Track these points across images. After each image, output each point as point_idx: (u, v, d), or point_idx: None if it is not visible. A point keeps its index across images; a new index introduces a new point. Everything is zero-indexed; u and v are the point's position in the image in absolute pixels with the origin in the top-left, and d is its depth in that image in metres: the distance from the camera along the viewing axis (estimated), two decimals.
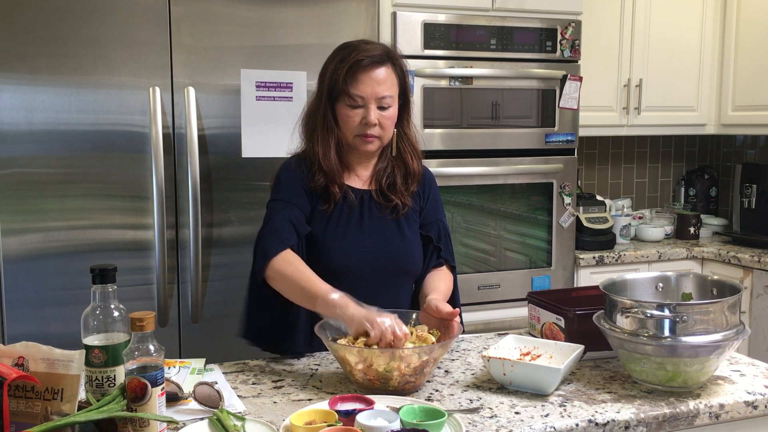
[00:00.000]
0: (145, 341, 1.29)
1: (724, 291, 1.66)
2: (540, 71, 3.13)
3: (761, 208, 3.70)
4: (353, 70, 1.75)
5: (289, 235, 1.76)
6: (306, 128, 1.87)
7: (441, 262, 1.95)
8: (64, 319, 2.41)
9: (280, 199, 1.82)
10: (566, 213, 3.25)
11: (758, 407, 1.54)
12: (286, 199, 1.81)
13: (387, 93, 1.77)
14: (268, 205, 1.84)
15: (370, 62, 1.76)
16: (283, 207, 1.80)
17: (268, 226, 1.79)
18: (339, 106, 1.79)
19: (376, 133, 1.79)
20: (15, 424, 1.28)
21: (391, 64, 1.80)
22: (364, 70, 1.75)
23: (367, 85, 1.75)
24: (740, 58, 3.66)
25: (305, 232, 1.80)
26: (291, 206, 1.80)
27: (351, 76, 1.75)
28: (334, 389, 1.59)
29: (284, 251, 1.73)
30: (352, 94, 1.76)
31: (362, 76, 1.75)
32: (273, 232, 1.77)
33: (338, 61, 1.78)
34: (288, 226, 1.77)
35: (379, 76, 1.76)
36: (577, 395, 1.54)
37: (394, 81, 1.80)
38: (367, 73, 1.75)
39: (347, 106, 1.78)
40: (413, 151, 1.90)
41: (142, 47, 2.46)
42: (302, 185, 1.82)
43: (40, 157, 2.38)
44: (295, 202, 1.81)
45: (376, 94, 1.76)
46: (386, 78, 1.78)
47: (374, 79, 1.76)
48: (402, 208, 1.87)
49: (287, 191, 1.83)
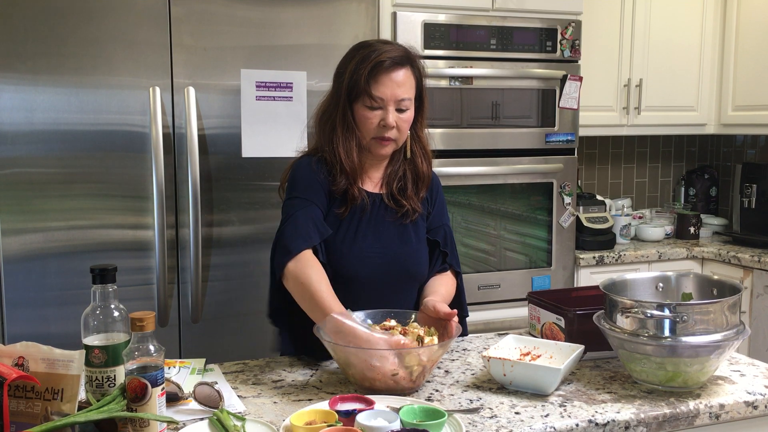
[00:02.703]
0: (145, 341, 1.29)
1: (724, 291, 1.66)
2: (540, 71, 3.13)
3: (761, 208, 3.70)
4: (375, 71, 1.73)
5: (313, 234, 1.71)
6: (323, 128, 1.82)
7: (445, 267, 1.93)
8: (64, 319, 2.41)
9: (300, 197, 1.76)
10: (566, 213, 3.25)
11: (758, 407, 1.54)
12: (307, 197, 1.76)
13: (406, 95, 1.75)
14: (287, 203, 1.78)
15: (392, 63, 1.73)
16: (305, 205, 1.74)
17: (291, 223, 1.72)
18: (357, 107, 1.76)
19: (392, 136, 1.76)
20: (15, 424, 1.28)
21: (410, 66, 1.78)
22: (386, 71, 1.73)
23: (388, 87, 1.73)
24: (740, 58, 3.66)
25: (327, 233, 1.75)
26: (312, 205, 1.75)
27: (373, 77, 1.73)
28: (334, 389, 1.59)
29: (306, 250, 1.68)
30: (374, 96, 1.73)
31: (383, 78, 1.73)
32: (297, 229, 1.70)
33: (358, 61, 1.75)
34: (311, 224, 1.72)
35: (399, 78, 1.74)
36: (577, 395, 1.54)
37: (412, 83, 1.78)
38: (388, 75, 1.73)
39: (366, 108, 1.75)
40: (425, 155, 1.88)
41: (142, 47, 2.46)
42: (322, 185, 1.78)
43: (40, 157, 2.38)
44: (316, 201, 1.76)
45: (395, 96, 1.74)
46: (406, 80, 1.76)
47: (395, 81, 1.74)
48: (412, 213, 1.85)
49: (307, 190, 1.77)
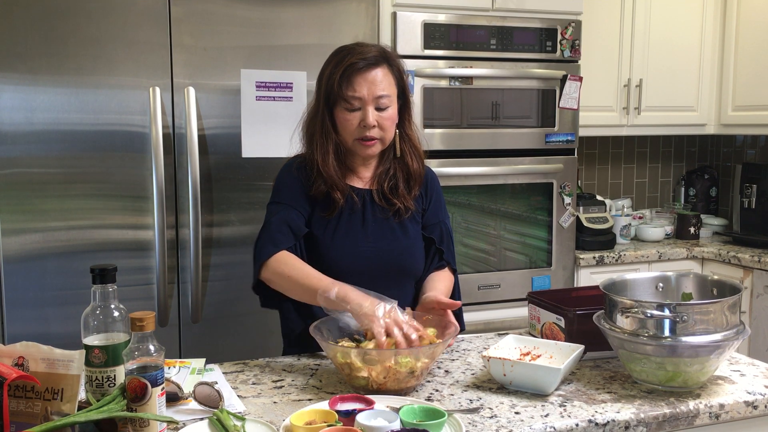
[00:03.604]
0: (145, 341, 1.29)
1: (724, 291, 1.66)
2: (540, 71, 3.13)
3: (761, 208, 3.70)
4: (348, 73, 1.74)
5: (283, 238, 1.77)
6: (306, 134, 1.86)
7: (443, 264, 1.94)
8: (64, 319, 2.41)
9: (278, 201, 1.83)
10: (566, 213, 3.25)
11: (758, 407, 1.54)
12: (284, 201, 1.82)
13: (384, 92, 1.76)
14: (267, 209, 1.85)
15: (365, 64, 1.75)
16: (280, 210, 1.81)
17: (264, 231, 1.80)
18: (337, 111, 1.78)
19: (376, 135, 1.78)
20: (15, 424, 1.28)
21: (387, 65, 1.79)
22: (359, 72, 1.74)
23: (363, 87, 1.74)
24: (740, 58, 3.66)
25: (302, 233, 1.80)
26: (288, 208, 1.80)
27: (346, 79, 1.75)
28: (334, 389, 1.59)
29: (278, 253, 1.74)
30: (348, 97, 1.75)
31: (357, 79, 1.74)
32: (267, 236, 1.78)
33: (333, 65, 1.78)
34: (284, 229, 1.77)
35: (375, 77, 1.75)
36: (577, 395, 1.54)
37: (390, 81, 1.79)
38: (362, 75, 1.75)
39: (345, 110, 1.77)
40: (415, 153, 1.89)
41: (142, 47, 2.46)
42: (301, 189, 1.82)
43: (40, 157, 2.38)
44: (294, 204, 1.81)
45: (372, 94, 1.75)
46: (382, 78, 1.76)
47: (369, 80, 1.75)
48: (405, 212, 1.87)
49: (286, 194, 1.83)
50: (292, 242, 1.77)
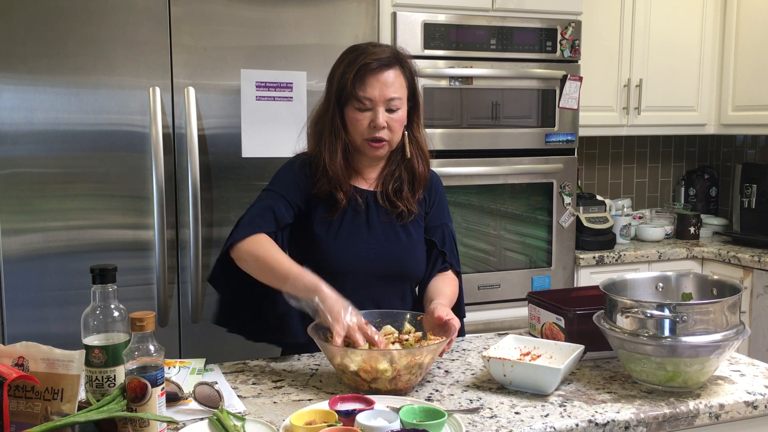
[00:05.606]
0: (145, 341, 1.29)
1: (724, 291, 1.66)
2: (540, 71, 3.13)
3: (761, 208, 3.70)
4: (361, 73, 1.74)
5: (264, 223, 1.76)
6: (314, 132, 1.85)
7: (446, 266, 1.93)
8: (64, 319, 2.41)
9: (269, 189, 1.84)
10: (566, 213, 3.25)
11: (758, 407, 1.54)
12: (276, 190, 1.82)
13: (395, 95, 1.76)
14: (259, 194, 1.85)
15: (378, 65, 1.74)
16: (269, 197, 1.81)
17: (248, 213, 1.80)
18: (348, 110, 1.78)
19: (385, 136, 1.77)
20: (15, 424, 1.28)
21: (399, 67, 1.78)
22: (372, 73, 1.74)
23: (375, 88, 1.74)
24: (740, 58, 3.66)
25: (285, 222, 1.79)
26: (278, 197, 1.80)
27: (359, 79, 1.74)
28: (334, 389, 1.59)
29: (255, 235, 1.73)
30: (360, 97, 1.74)
31: (370, 79, 1.74)
32: (248, 218, 1.78)
33: (346, 64, 1.77)
34: (267, 214, 1.77)
35: (388, 78, 1.75)
36: (577, 395, 1.54)
37: (402, 83, 1.79)
38: (375, 76, 1.74)
39: (356, 110, 1.76)
40: (421, 155, 1.88)
41: (142, 47, 2.46)
42: (297, 184, 1.82)
43: (40, 157, 2.38)
44: (284, 194, 1.81)
45: (384, 96, 1.74)
46: (394, 80, 1.76)
47: (382, 81, 1.74)
48: (408, 215, 1.86)
49: (280, 185, 1.83)
50: (273, 229, 1.77)
